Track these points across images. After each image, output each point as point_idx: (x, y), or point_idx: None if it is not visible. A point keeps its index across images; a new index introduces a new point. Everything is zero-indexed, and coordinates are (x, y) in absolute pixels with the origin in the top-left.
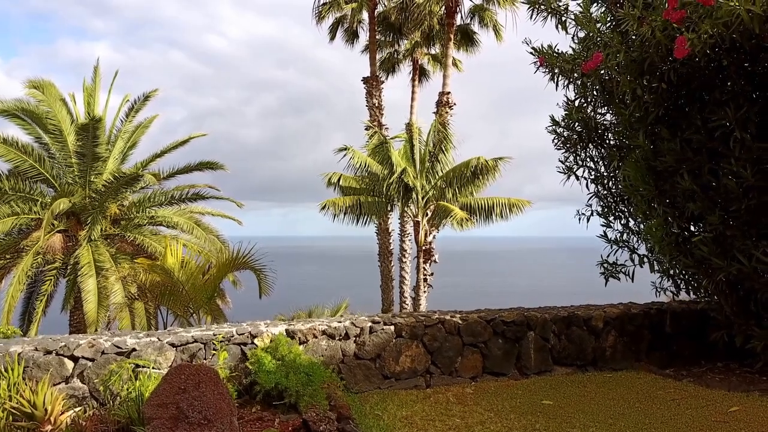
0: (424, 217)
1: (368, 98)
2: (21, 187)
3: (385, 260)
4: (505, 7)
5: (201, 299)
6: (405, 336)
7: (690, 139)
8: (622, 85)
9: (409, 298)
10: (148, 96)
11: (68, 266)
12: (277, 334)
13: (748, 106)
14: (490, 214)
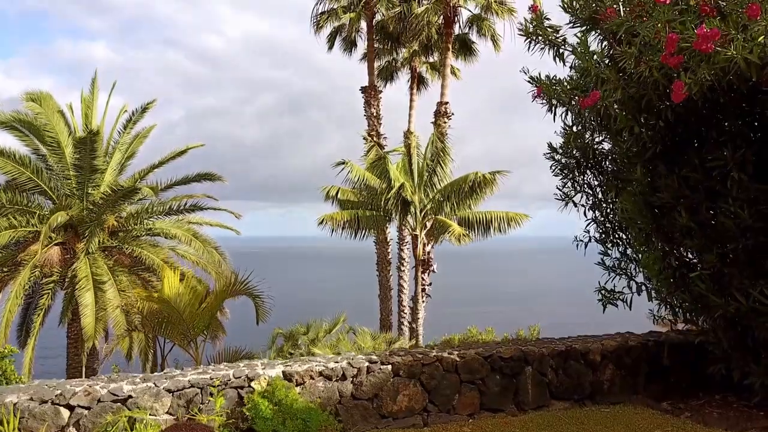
0: (422, 230)
1: (366, 108)
2: (18, 199)
3: (383, 270)
4: (503, 18)
5: (199, 327)
6: (402, 375)
7: (687, 176)
8: (619, 122)
9: (407, 308)
10: (146, 108)
11: (66, 279)
12: (274, 376)
13: (746, 147)
14: (488, 228)
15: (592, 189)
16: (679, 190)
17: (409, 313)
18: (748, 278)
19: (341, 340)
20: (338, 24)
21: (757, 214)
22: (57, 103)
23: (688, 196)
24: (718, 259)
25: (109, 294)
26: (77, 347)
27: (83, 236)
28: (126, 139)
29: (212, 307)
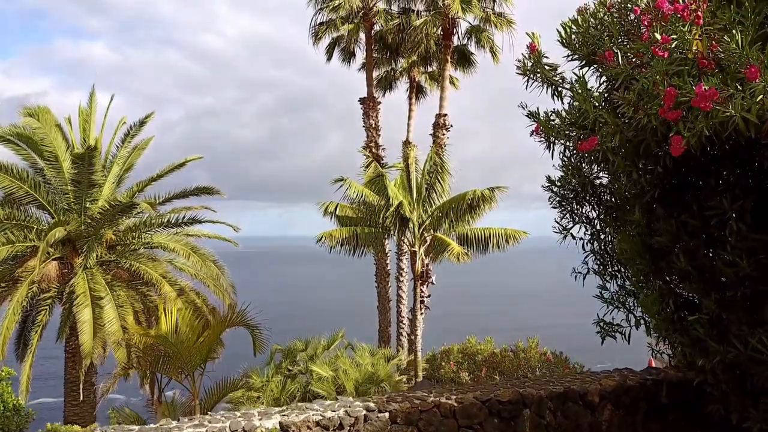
0: (420, 246)
1: (365, 119)
2: (16, 215)
3: (382, 281)
4: (502, 30)
5: (196, 361)
6: (400, 422)
7: (686, 221)
8: (617, 166)
9: (406, 319)
10: (144, 121)
11: (63, 295)
12: (271, 428)
13: (745, 197)
14: (487, 245)
15: (591, 221)
16: (677, 235)
17: (407, 324)
18: (746, 325)
19: (339, 357)
20: (337, 35)
21: (756, 263)
22: (55, 117)
23: (687, 241)
24: (717, 305)
25: (107, 310)
26: (75, 361)
27: (81, 251)
28: (124, 152)
29: (210, 340)
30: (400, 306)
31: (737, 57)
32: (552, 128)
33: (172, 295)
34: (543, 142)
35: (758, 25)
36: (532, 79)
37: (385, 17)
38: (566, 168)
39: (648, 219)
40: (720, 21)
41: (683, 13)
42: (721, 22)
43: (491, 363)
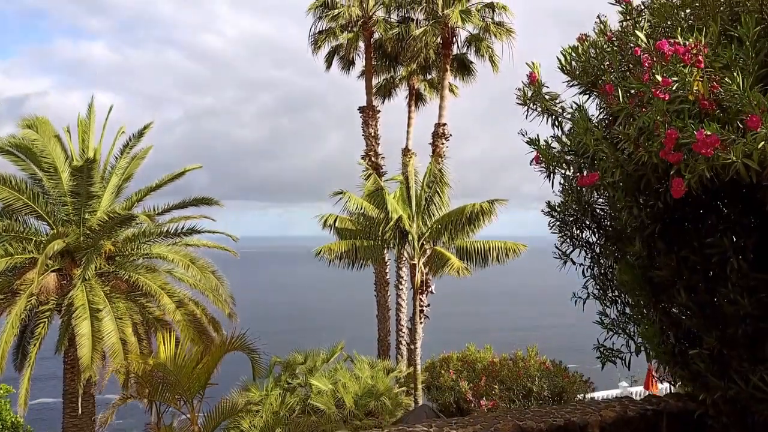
0: (420, 259)
1: (364, 127)
2: (14, 227)
3: (381, 290)
4: (501, 40)
5: (195, 388)
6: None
7: (687, 257)
8: (618, 201)
9: (405, 328)
10: (143, 132)
11: (62, 307)
12: None
13: (746, 235)
14: (487, 258)
15: (591, 245)
16: (678, 270)
17: (407, 334)
18: (747, 362)
19: (339, 370)
20: (336, 43)
21: (757, 302)
22: (53, 128)
23: (688, 276)
24: (718, 341)
25: (105, 322)
26: (74, 373)
27: (80, 263)
28: (123, 163)
29: (209, 367)
30: (400, 314)
31: (739, 98)
32: (552, 157)
33: (171, 306)
34: (543, 171)
35: (759, 64)
36: (531, 108)
37: (385, 26)
38: (566, 193)
39: (649, 252)
40: (721, 59)
41: (684, 56)
42: (722, 60)
43: (491, 371)
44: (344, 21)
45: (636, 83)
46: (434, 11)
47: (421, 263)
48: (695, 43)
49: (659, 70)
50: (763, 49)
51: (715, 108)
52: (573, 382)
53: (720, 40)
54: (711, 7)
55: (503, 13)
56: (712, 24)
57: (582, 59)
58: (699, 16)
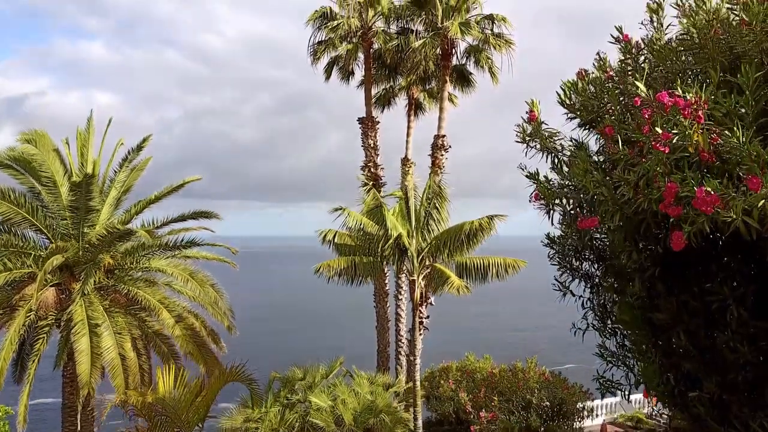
0: (420, 275)
1: (364, 138)
2: (13, 241)
3: (380, 301)
4: (501, 52)
5: (194, 421)
6: None
7: (687, 301)
8: (617, 244)
9: (405, 339)
10: (142, 146)
11: (61, 322)
12: None
13: (745, 284)
14: (486, 275)
15: (590, 276)
16: (678, 314)
17: (406, 345)
18: (747, 408)
19: (338, 386)
20: (335, 54)
21: (757, 350)
22: (52, 142)
23: (688, 321)
24: (718, 386)
25: (104, 337)
26: (72, 386)
27: (79, 277)
28: (122, 176)
29: (207, 399)
30: (399, 325)
31: (738, 151)
32: (551, 194)
33: (171, 321)
34: (542, 207)
35: (759, 112)
36: (530, 146)
37: (384, 38)
38: (566, 225)
39: (648, 292)
40: (721, 108)
41: (684, 111)
42: (721, 109)
43: (490, 382)
44: (343, 32)
45: (636, 133)
46: (434, 23)
47: (421, 279)
48: (695, 99)
49: (659, 122)
50: (763, 97)
51: (715, 159)
52: (573, 393)
53: (720, 87)
54: (711, 51)
55: (503, 25)
56: (711, 72)
57: (582, 96)
58: (699, 60)
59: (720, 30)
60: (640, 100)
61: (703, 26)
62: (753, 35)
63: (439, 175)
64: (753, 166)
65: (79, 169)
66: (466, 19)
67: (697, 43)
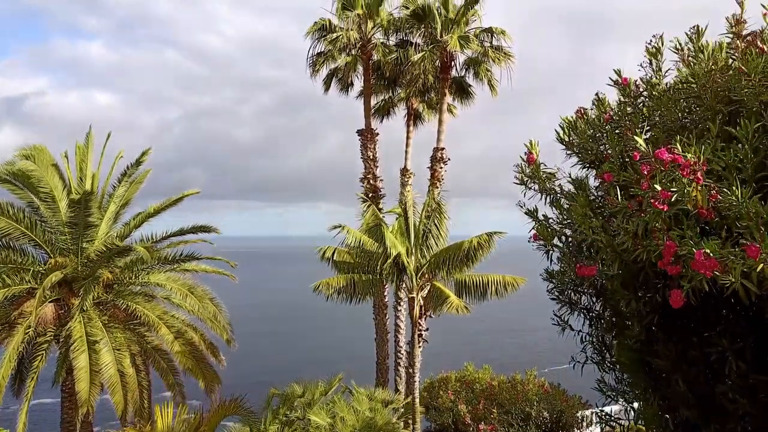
0: (419, 293)
1: (363, 150)
2: (12, 257)
3: (380, 313)
4: (500, 66)
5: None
6: None
7: (685, 350)
8: (616, 293)
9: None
10: (141, 161)
11: (60, 338)
12: None
13: (744, 338)
14: (485, 293)
15: (589, 310)
16: (677, 361)
17: (405, 356)
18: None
19: (337, 403)
20: (334, 66)
21: (756, 402)
22: (51, 156)
23: (687, 369)
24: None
25: (103, 354)
26: (71, 402)
27: (78, 292)
28: (120, 191)
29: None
30: (398, 336)
31: (737, 208)
32: (550, 233)
33: (170, 338)
34: (542, 247)
35: (757, 165)
36: (528, 187)
37: (383, 51)
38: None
39: (647, 337)
40: (720, 162)
41: (683, 171)
42: (720, 163)
43: (489, 394)
44: (342, 45)
45: (635, 187)
46: (433, 35)
47: (420, 297)
48: (694, 160)
49: (658, 179)
50: (762, 150)
51: (714, 216)
52: (572, 405)
53: (719, 136)
54: (710, 101)
55: (502, 38)
56: (711, 125)
57: (581, 138)
58: (697, 109)
59: (719, 79)
60: (639, 155)
61: (703, 75)
62: (752, 87)
63: (438, 187)
64: (751, 225)
65: (78, 184)
66: (465, 33)
67: (695, 91)
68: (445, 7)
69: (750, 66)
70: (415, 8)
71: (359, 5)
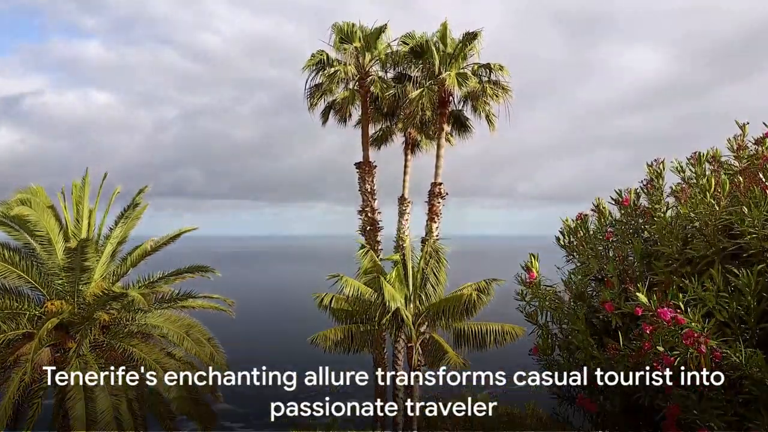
0: (417, 342)
1: (361, 183)
2: (8, 304)
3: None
4: (498, 102)
5: None
6: None
7: None
8: (616, 422)
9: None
10: (137, 202)
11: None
12: None
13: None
14: (484, 342)
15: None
16: None
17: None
18: None
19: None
20: (332, 99)
21: None
22: (47, 198)
23: None
24: None
25: (100, 400)
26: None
27: (74, 336)
28: (117, 232)
29: None
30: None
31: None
32: (550, 346)
33: (167, 384)
34: (541, 362)
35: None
36: (531, 305)
37: (381, 86)
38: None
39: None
40: (723, 312)
41: (686, 340)
42: (724, 313)
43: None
44: (340, 79)
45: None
46: (431, 71)
47: (419, 345)
48: (699, 333)
49: (660, 340)
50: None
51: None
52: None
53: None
54: (713, 235)
55: (500, 74)
56: (714, 272)
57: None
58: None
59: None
60: (641, 310)
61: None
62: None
63: (436, 221)
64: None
65: (74, 225)
66: (462, 68)
67: (697, 227)
68: (443, 42)
69: (753, 213)
70: (413, 45)
71: (357, 38)
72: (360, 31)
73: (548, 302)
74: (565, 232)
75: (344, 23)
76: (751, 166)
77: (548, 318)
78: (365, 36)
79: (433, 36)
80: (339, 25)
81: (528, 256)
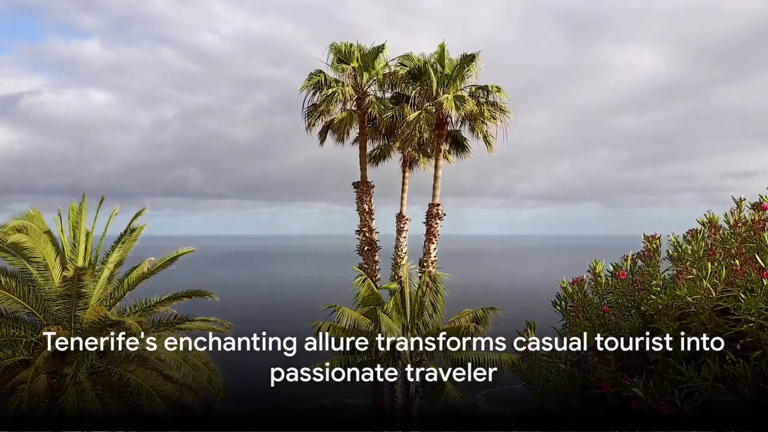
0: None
1: (358, 203)
2: (5, 332)
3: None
4: (495, 125)
5: None
6: None
7: None
8: None
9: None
10: (134, 228)
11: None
12: None
13: None
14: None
15: None
16: None
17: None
18: None
19: None
20: (329, 119)
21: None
22: (44, 223)
23: None
24: None
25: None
26: None
27: (71, 362)
28: (114, 256)
29: None
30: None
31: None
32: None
33: (164, 409)
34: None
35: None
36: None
37: (379, 108)
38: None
39: None
40: (720, 408)
41: None
42: (718, 412)
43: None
44: (338, 100)
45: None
46: (429, 93)
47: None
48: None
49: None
50: (762, 390)
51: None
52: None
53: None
54: (710, 320)
55: (497, 96)
56: (708, 361)
57: (579, 328)
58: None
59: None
60: (635, 405)
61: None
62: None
63: (434, 242)
64: None
65: (71, 250)
66: (460, 90)
67: (694, 311)
68: (440, 63)
69: (750, 302)
70: (411, 68)
71: (354, 58)
72: (358, 51)
73: (544, 373)
74: (562, 297)
75: (342, 43)
76: (748, 241)
77: (543, 385)
78: (363, 56)
79: (431, 57)
80: (337, 45)
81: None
